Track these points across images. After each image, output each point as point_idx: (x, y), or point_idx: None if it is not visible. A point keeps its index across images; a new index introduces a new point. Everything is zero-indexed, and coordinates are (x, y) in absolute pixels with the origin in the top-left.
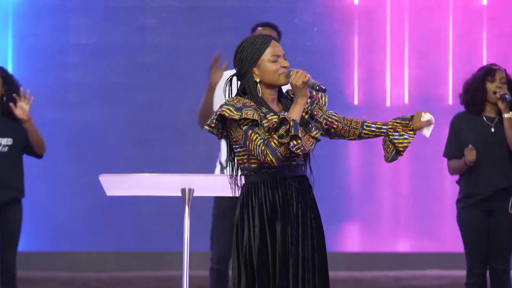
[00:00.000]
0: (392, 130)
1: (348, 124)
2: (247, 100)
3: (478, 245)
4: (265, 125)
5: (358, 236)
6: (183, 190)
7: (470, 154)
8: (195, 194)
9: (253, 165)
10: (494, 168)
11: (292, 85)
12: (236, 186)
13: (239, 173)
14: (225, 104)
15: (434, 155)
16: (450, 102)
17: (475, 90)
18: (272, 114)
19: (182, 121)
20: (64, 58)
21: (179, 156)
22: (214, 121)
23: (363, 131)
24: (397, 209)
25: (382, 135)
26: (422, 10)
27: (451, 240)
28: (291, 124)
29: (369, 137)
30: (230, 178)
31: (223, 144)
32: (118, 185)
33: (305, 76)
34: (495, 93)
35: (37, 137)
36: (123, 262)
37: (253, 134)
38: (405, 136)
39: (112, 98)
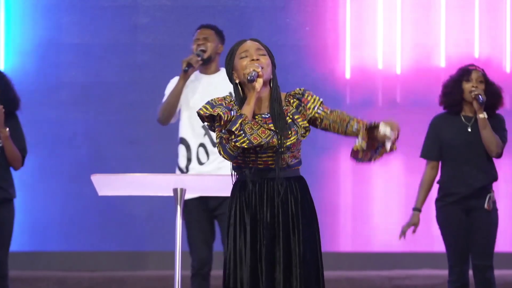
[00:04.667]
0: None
1: (338, 121)
2: (231, 99)
3: (457, 243)
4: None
5: (351, 236)
6: (175, 190)
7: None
8: (187, 194)
9: (234, 164)
10: (473, 167)
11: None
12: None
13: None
14: (207, 102)
15: None
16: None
17: (452, 91)
18: (238, 109)
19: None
20: (56, 57)
21: (171, 156)
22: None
23: (347, 130)
24: (390, 208)
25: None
26: (415, 12)
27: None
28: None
29: (353, 136)
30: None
31: (181, 149)
32: (110, 185)
33: (246, 71)
34: (470, 92)
35: (11, 152)
36: (116, 261)
37: (217, 132)
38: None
39: (104, 97)
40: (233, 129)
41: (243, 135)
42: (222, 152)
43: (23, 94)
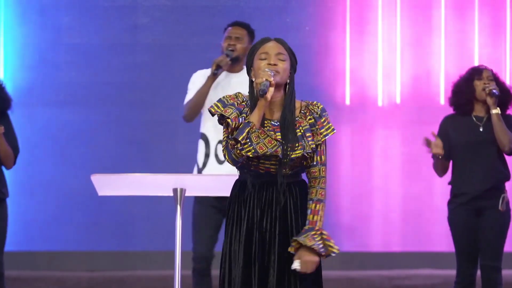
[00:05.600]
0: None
1: (310, 183)
2: (243, 98)
3: (466, 244)
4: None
5: (351, 236)
6: (175, 190)
7: (435, 146)
8: (187, 194)
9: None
10: (483, 167)
11: None
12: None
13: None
14: (219, 99)
15: (426, 156)
16: (442, 102)
17: (463, 90)
18: (245, 116)
19: (174, 121)
20: (55, 57)
21: (171, 156)
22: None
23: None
24: (389, 208)
25: None
26: (414, 9)
27: (443, 240)
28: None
29: None
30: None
31: (200, 144)
32: (110, 185)
33: (258, 80)
34: (484, 89)
35: (4, 150)
36: (115, 261)
37: (224, 133)
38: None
39: (104, 97)
40: (239, 139)
41: (249, 143)
42: (226, 157)
43: (22, 94)
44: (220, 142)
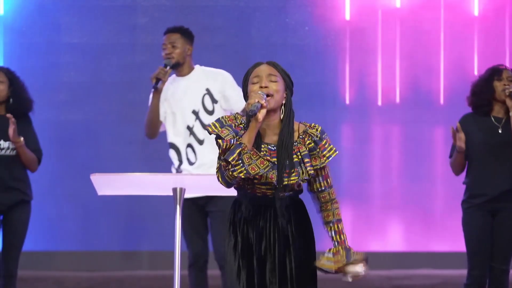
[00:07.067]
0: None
1: (323, 208)
2: (241, 120)
3: (479, 247)
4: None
5: (350, 235)
6: (174, 190)
7: (459, 139)
8: (186, 194)
9: (235, 185)
10: (501, 168)
11: None
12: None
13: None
14: (217, 119)
15: (426, 155)
16: (441, 102)
17: (482, 90)
18: (238, 137)
19: None
20: (55, 57)
21: None
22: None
23: (325, 224)
24: (389, 208)
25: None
26: (414, 9)
27: (443, 240)
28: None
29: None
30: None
31: (172, 153)
32: (110, 184)
33: (250, 101)
34: (503, 90)
35: (27, 158)
36: (115, 261)
37: (218, 157)
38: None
39: (103, 97)
40: (229, 159)
41: (241, 165)
42: (220, 179)
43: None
44: (188, 146)
